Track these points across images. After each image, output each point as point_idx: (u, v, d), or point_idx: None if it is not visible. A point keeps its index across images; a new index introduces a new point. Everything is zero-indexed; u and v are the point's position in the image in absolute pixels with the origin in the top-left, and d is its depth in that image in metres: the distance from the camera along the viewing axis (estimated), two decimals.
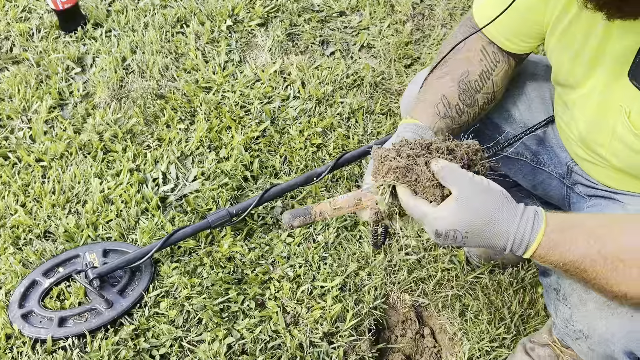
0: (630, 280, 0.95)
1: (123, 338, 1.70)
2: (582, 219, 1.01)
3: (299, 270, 1.88)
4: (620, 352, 1.18)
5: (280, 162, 2.19)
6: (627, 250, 0.94)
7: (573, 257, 0.97)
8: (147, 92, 2.38)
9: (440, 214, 1.00)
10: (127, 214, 1.98)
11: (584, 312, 1.20)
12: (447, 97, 1.31)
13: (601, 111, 1.19)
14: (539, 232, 0.97)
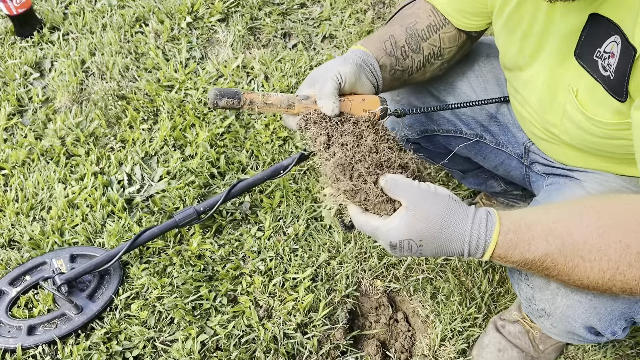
0: (591, 274, 0.96)
1: (95, 342, 1.68)
2: (537, 216, 1.00)
3: (270, 264, 1.88)
4: (581, 327, 1.21)
5: (247, 157, 2.18)
6: (586, 246, 0.94)
7: (534, 257, 0.97)
8: (108, 94, 2.35)
9: (392, 225, 0.98)
10: (93, 218, 1.96)
11: (545, 291, 1.23)
12: (394, 37, 1.33)
13: (551, 91, 1.21)
14: (494, 232, 0.97)
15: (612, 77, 1.02)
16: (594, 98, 1.10)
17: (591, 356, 1.75)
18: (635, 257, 0.92)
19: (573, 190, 1.31)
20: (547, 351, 1.71)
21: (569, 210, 1.00)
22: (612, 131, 1.11)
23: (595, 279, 0.96)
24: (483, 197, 2.07)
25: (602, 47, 1.03)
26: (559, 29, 1.13)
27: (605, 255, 0.94)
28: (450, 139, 1.62)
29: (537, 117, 1.31)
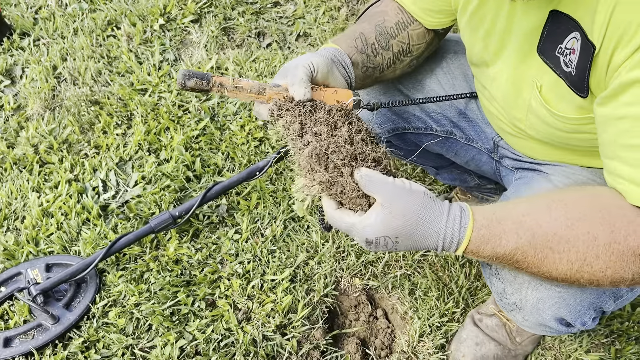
0: (559, 266, 0.97)
1: (72, 352, 1.68)
2: (508, 210, 1.01)
3: (248, 266, 1.87)
4: (552, 319, 1.23)
5: (223, 159, 2.17)
6: (555, 238, 0.96)
7: (505, 251, 0.98)
8: (80, 100, 2.33)
9: (368, 222, 0.98)
10: (68, 226, 1.94)
11: (515, 285, 1.24)
12: (364, 35, 1.34)
13: (516, 87, 1.22)
14: (468, 229, 0.98)
15: (573, 74, 1.03)
16: (557, 94, 1.11)
17: (567, 346, 1.77)
18: (602, 249, 0.93)
19: (541, 184, 1.32)
20: (524, 343, 1.73)
21: (537, 203, 1.01)
22: (575, 125, 1.12)
23: (564, 270, 0.97)
24: (458, 191, 2.08)
25: (563, 43, 1.04)
26: (520, 26, 1.13)
27: (573, 246, 0.95)
28: (421, 137, 1.62)
29: (504, 113, 1.32)
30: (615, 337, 1.80)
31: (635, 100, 0.87)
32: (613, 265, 0.93)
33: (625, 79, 0.87)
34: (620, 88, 0.89)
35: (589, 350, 1.77)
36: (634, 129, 0.88)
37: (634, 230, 0.91)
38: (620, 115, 0.90)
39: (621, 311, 1.85)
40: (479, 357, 1.70)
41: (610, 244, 0.92)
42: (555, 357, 1.76)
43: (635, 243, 0.91)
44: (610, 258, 0.93)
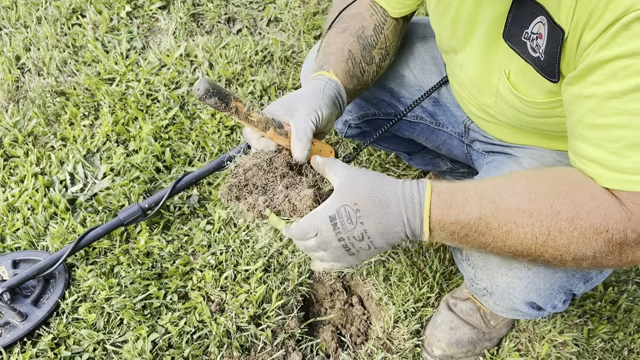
0: (524, 240, 0.96)
1: (42, 349, 1.64)
2: (471, 184, 1.00)
3: (220, 257, 1.85)
4: (522, 303, 1.22)
5: (193, 148, 2.14)
6: (518, 212, 0.95)
7: (468, 219, 0.96)
8: (45, 91, 2.26)
9: (326, 204, 0.99)
10: (35, 221, 1.90)
11: (485, 270, 1.24)
12: (352, 53, 1.30)
13: (484, 74, 1.20)
14: (427, 190, 0.96)
15: (542, 58, 1.02)
16: (526, 79, 1.09)
17: (541, 327, 1.78)
18: (565, 224, 0.92)
19: (510, 167, 1.32)
20: (498, 326, 1.73)
21: (500, 180, 1.00)
22: (545, 110, 1.11)
23: (529, 245, 0.96)
24: (432, 176, 2.08)
25: (529, 28, 1.02)
26: (487, 12, 1.11)
27: (537, 220, 0.94)
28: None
29: (474, 99, 1.30)
30: (587, 317, 1.82)
31: (602, 80, 0.86)
32: (576, 241, 0.92)
33: (593, 59, 0.86)
34: (589, 69, 0.88)
35: (562, 331, 1.79)
36: (600, 108, 0.87)
37: (597, 206, 0.90)
38: (587, 95, 0.89)
39: (593, 291, 1.87)
40: (454, 342, 1.70)
41: (573, 219, 0.91)
42: (530, 338, 1.78)
43: (597, 220, 0.90)
44: (573, 234, 0.92)
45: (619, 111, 0.84)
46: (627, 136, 0.85)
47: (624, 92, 0.83)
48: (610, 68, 0.83)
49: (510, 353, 1.74)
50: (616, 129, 0.86)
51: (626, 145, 0.85)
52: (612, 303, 1.86)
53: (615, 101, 0.84)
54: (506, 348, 1.75)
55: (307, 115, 1.10)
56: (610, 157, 0.88)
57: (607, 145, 0.88)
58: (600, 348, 1.77)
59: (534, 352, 1.74)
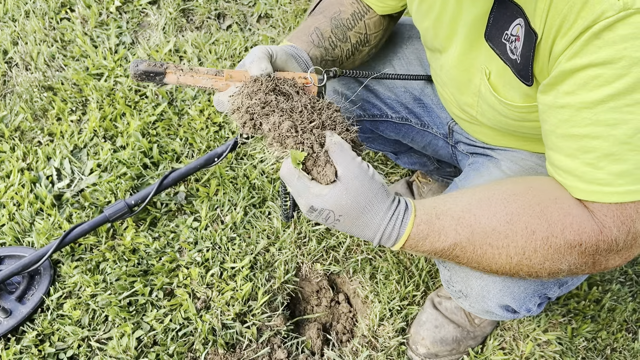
0: (499, 260, 0.97)
1: (26, 346, 1.64)
2: (448, 206, 0.99)
3: (207, 254, 1.85)
4: (497, 306, 1.23)
5: (181, 145, 2.13)
6: (494, 233, 0.95)
7: (443, 246, 0.97)
8: (33, 85, 2.25)
9: (322, 192, 0.96)
10: (20, 217, 1.89)
11: (460, 273, 1.24)
12: (320, 29, 1.30)
13: (467, 73, 1.20)
14: (408, 226, 0.96)
15: (518, 61, 1.02)
16: (505, 81, 1.10)
17: (526, 326, 1.80)
18: (540, 243, 0.93)
19: (490, 171, 1.32)
20: (483, 325, 1.74)
21: (478, 199, 1.00)
22: (523, 114, 1.11)
23: (503, 265, 0.98)
24: (419, 175, 2.08)
25: (509, 29, 1.03)
26: (469, 12, 1.12)
27: (512, 241, 0.95)
28: (377, 124, 1.61)
29: (456, 99, 1.31)
30: (571, 316, 1.83)
31: (574, 90, 0.86)
32: (551, 257, 0.93)
33: (564, 67, 0.86)
34: (561, 77, 0.88)
35: (546, 330, 1.80)
36: (574, 118, 0.87)
37: (570, 223, 0.91)
38: (560, 105, 0.90)
39: (578, 290, 1.88)
40: (438, 340, 1.71)
41: (547, 238, 0.92)
42: (514, 337, 1.79)
43: (571, 236, 0.91)
44: (548, 251, 0.93)
45: (591, 122, 0.85)
46: (600, 147, 0.85)
47: (595, 102, 0.83)
48: (582, 77, 0.84)
49: (495, 351, 1.75)
50: (589, 140, 0.86)
51: (599, 156, 0.86)
52: (596, 302, 1.87)
53: (588, 111, 0.84)
54: (490, 346, 1.76)
55: (255, 49, 1.09)
56: (585, 168, 0.89)
57: (580, 156, 0.88)
58: (583, 347, 1.78)
59: (518, 351, 1.75)
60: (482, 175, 1.32)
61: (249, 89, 1.04)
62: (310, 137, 0.98)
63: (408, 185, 2.08)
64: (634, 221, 0.88)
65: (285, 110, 1.01)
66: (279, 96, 1.04)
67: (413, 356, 1.73)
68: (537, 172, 1.26)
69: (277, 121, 0.99)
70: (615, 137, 0.83)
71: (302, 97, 1.05)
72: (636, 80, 0.79)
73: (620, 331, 1.82)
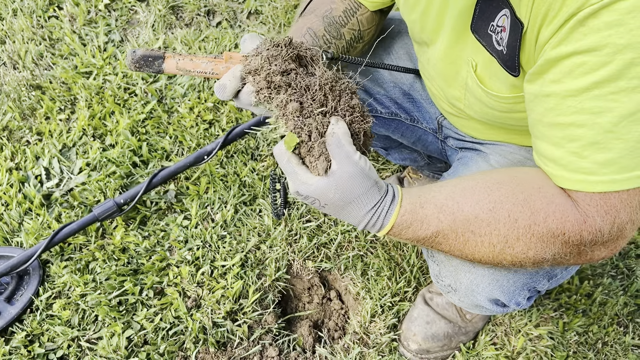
0: (482, 248, 0.97)
1: (15, 347, 1.63)
2: (432, 194, 1.00)
3: (197, 253, 1.84)
4: (486, 300, 1.23)
5: (171, 143, 2.12)
6: (476, 221, 0.96)
7: (425, 234, 0.98)
8: (21, 84, 2.23)
9: (308, 181, 0.95)
10: (8, 217, 1.87)
11: (449, 267, 1.24)
12: (312, 29, 1.29)
13: (453, 66, 1.20)
14: (392, 217, 0.97)
15: (505, 52, 1.01)
16: (491, 72, 1.09)
17: (517, 321, 1.79)
18: (522, 231, 0.93)
19: (478, 165, 1.32)
20: (474, 320, 1.74)
21: (461, 187, 1.00)
22: (510, 104, 1.11)
23: (486, 253, 0.98)
24: (410, 170, 2.08)
25: (494, 20, 1.02)
26: (455, 4, 1.11)
27: (495, 229, 0.95)
28: None
29: (443, 93, 1.30)
30: (563, 310, 1.83)
31: (559, 78, 0.85)
32: (534, 246, 0.93)
33: (550, 55, 0.86)
34: (546, 65, 0.87)
35: (538, 325, 1.80)
36: (559, 107, 0.87)
37: (553, 211, 0.91)
38: (546, 93, 0.89)
39: (569, 284, 1.88)
40: (430, 336, 1.71)
41: (530, 226, 0.92)
42: (506, 332, 1.79)
43: (554, 225, 0.91)
44: (531, 240, 0.93)
45: (576, 110, 0.84)
46: (584, 135, 0.85)
47: (580, 90, 0.82)
48: (567, 65, 0.83)
49: (486, 347, 1.75)
50: (574, 128, 0.86)
51: (584, 144, 0.85)
52: (587, 296, 1.87)
53: (573, 99, 0.84)
54: (482, 342, 1.76)
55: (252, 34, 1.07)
56: (570, 157, 0.88)
57: (566, 144, 0.88)
58: (575, 341, 1.78)
59: (509, 346, 1.75)
60: (471, 170, 1.31)
61: (269, 52, 0.97)
62: (313, 123, 0.95)
63: (399, 181, 2.08)
64: (618, 211, 0.88)
65: (300, 87, 0.97)
66: (299, 68, 0.99)
67: (405, 352, 1.73)
68: (525, 165, 1.26)
69: (285, 99, 0.96)
70: (599, 126, 0.83)
71: (324, 73, 0.99)
72: (620, 68, 0.78)
73: (611, 325, 1.83)
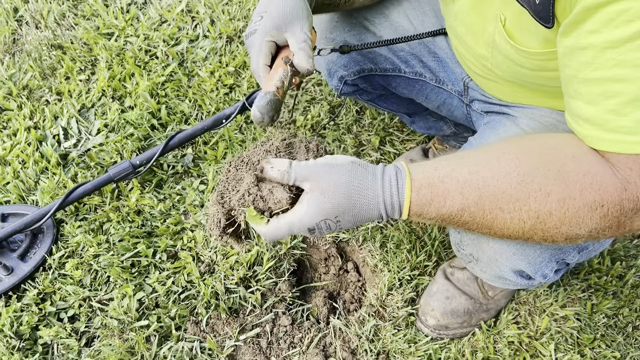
0: (511, 225, 0.89)
1: (27, 304, 1.62)
2: (451, 167, 0.92)
3: None
4: (510, 271, 1.15)
5: (190, 106, 2.07)
6: (504, 196, 0.87)
7: (450, 212, 0.90)
8: (42, 44, 2.21)
9: (302, 211, 0.90)
10: (25, 175, 1.86)
11: (471, 235, 1.16)
12: None
13: (480, 22, 1.11)
14: (406, 189, 0.90)
15: (537, 2, 0.92)
16: (521, 26, 1.00)
17: (542, 301, 1.71)
18: (555, 205, 0.84)
19: (507, 128, 1.23)
20: (497, 297, 1.66)
21: (485, 158, 0.92)
22: (541, 61, 1.02)
23: (516, 230, 0.90)
24: (435, 141, 1.99)
25: None
26: None
27: (525, 205, 0.86)
28: (389, 79, 1.52)
29: (470, 51, 1.21)
30: (592, 291, 1.74)
31: (598, 28, 0.76)
32: (568, 221, 0.84)
33: (588, 3, 0.76)
34: (584, 14, 0.78)
35: (564, 305, 1.71)
36: (597, 60, 0.78)
37: (590, 183, 0.82)
38: (583, 46, 0.80)
39: (599, 265, 1.78)
40: (449, 311, 1.64)
41: (564, 200, 0.83)
42: (529, 311, 1.70)
43: (591, 197, 0.82)
44: (565, 214, 0.84)
45: (616, 62, 0.75)
46: (625, 91, 0.76)
47: (622, 41, 0.73)
48: (608, 12, 0.74)
49: (508, 325, 1.67)
50: (613, 83, 0.76)
51: (625, 101, 0.76)
52: (619, 278, 1.77)
53: (613, 51, 0.75)
54: (504, 320, 1.68)
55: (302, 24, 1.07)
56: (608, 116, 0.79)
57: (603, 101, 0.79)
58: (603, 324, 1.69)
59: (533, 326, 1.67)
60: (499, 133, 1.22)
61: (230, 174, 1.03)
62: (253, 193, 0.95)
63: (424, 152, 1.99)
64: None
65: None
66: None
67: (422, 327, 1.66)
68: (558, 129, 1.16)
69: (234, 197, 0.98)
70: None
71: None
72: None
73: None
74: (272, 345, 1.63)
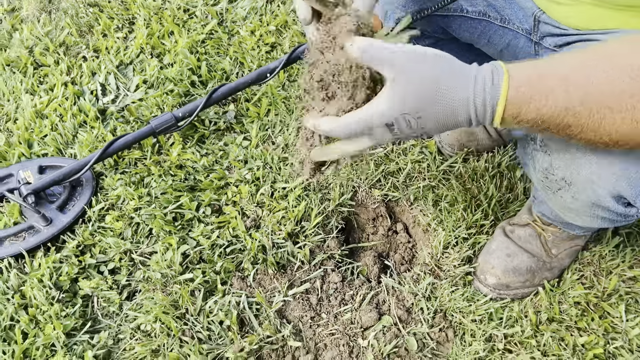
0: (621, 127, 0.79)
1: (66, 255, 1.54)
2: (551, 65, 0.82)
3: (257, 173, 1.72)
4: (608, 195, 1.03)
5: (231, 64, 2.00)
6: (614, 93, 0.78)
7: (552, 112, 0.80)
8: (79, 2, 2.15)
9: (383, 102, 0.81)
10: (63, 128, 1.79)
11: (565, 154, 1.04)
12: None
13: None
14: (502, 87, 0.80)
15: None
16: None
17: (608, 261, 1.60)
18: None
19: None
20: (561, 256, 1.56)
21: (589, 56, 0.82)
22: None
23: (627, 132, 0.79)
24: None
25: None
26: None
27: (639, 101, 0.77)
28: (449, 20, 1.42)
29: None
30: None
31: None
32: None
33: None
34: None
35: (632, 266, 1.60)
36: None
37: None
38: None
39: None
40: (511, 269, 1.54)
41: None
42: (595, 272, 1.60)
43: None
44: None
45: None
46: None
47: None
48: None
49: (573, 285, 1.56)
50: None
51: None
52: None
53: None
54: (568, 280, 1.57)
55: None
56: None
57: None
58: None
59: (599, 287, 1.57)
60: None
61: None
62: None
63: None
64: None
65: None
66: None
67: (480, 287, 1.56)
68: None
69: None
70: None
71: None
72: None
73: None
74: (323, 302, 1.54)
